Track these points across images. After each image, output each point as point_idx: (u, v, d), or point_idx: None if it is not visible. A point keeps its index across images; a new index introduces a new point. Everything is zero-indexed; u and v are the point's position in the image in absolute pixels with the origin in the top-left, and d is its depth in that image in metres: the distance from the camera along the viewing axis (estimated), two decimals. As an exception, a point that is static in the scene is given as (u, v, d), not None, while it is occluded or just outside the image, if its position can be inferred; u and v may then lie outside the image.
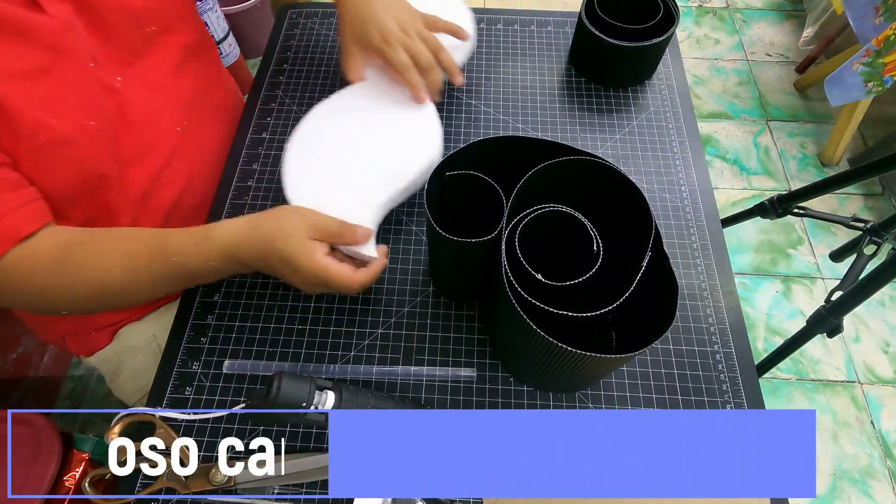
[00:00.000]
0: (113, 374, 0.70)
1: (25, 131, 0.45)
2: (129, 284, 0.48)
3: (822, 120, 1.60)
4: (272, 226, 0.48)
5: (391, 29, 0.58)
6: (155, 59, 0.58)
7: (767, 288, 1.35)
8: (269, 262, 0.48)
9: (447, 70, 0.60)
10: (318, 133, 0.59)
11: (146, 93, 0.57)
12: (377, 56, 0.59)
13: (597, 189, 0.46)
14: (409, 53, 0.58)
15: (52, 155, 0.47)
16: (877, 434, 1.17)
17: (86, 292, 0.48)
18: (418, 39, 0.59)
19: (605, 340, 0.50)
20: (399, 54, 0.57)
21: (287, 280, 0.49)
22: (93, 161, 0.50)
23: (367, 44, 0.59)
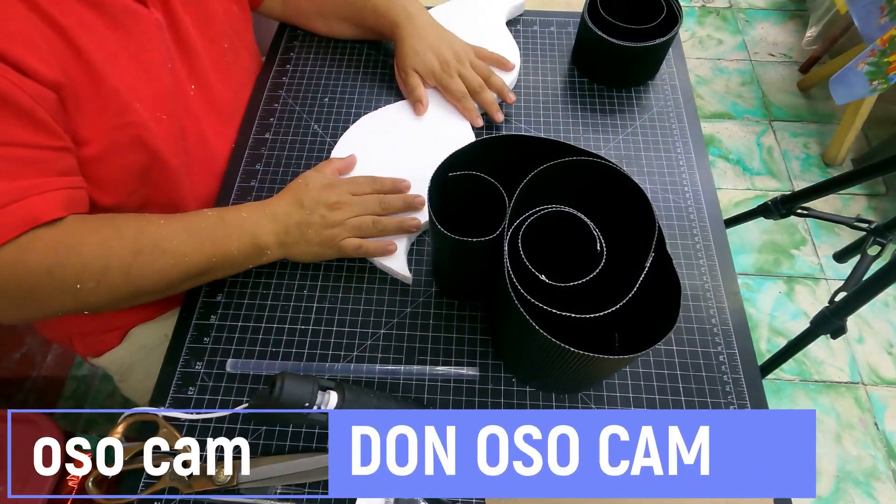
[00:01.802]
0: (123, 374, 0.70)
1: (115, 108, 0.47)
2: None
3: (825, 120, 1.60)
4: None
5: (448, 59, 0.65)
6: (223, 80, 0.62)
7: (771, 289, 1.34)
8: (282, 202, 0.54)
9: (499, 92, 0.66)
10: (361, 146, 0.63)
11: (213, 104, 0.61)
12: (435, 83, 0.65)
13: (600, 189, 0.46)
14: (462, 80, 0.64)
15: (128, 136, 0.49)
16: (880, 435, 1.16)
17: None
18: (470, 67, 0.65)
19: (608, 341, 0.50)
20: (456, 82, 0.64)
21: (298, 223, 0.53)
22: (160, 150, 0.52)
23: (427, 71, 0.65)
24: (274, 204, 0.54)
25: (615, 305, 0.39)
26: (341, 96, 0.70)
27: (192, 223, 0.49)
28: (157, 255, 0.46)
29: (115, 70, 0.47)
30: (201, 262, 0.48)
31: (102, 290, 0.45)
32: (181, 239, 0.47)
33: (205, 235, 0.49)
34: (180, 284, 0.49)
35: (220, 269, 0.51)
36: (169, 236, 0.47)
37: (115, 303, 0.47)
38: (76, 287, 0.43)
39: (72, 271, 0.43)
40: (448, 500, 0.46)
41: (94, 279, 0.44)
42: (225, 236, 0.50)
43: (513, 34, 0.75)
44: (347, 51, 0.75)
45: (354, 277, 0.57)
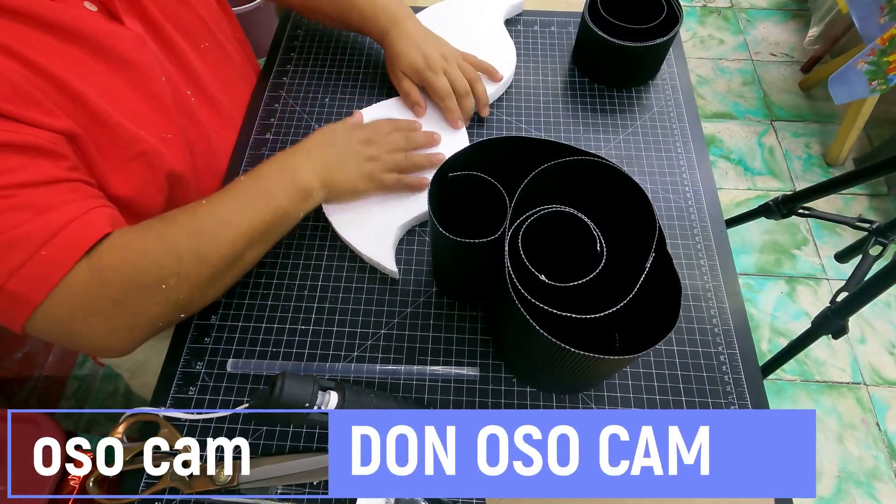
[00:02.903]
0: (133, 371, 0.70)
1: (124, 141, 0.47)
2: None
3: (827, 120, 1.59)
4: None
5: (434, 57, 0.64)
6: (214, 76, 0.62)
7: (772, 289, 1.34)
8: (313, 143, 0.55)
9: (478, 101, 0.66)
10: None
11: (211, 107, 0.61)
12: (419, 80, 0.65)
13: (600, 189, 0.46)
14: (448, 79, 0.64)
15: (144, 165, 0.49)
16: (882, 436, 1.16)
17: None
18: (457, 68, 0.65)
19: (608, 341, 0.50)
20: (441, 79, 0.64)
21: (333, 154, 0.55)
22: (173, 170, 0.52)
23: (412, 69, 0.64)
24: (305, 148, 0.54)
25: (616, 306, 0.39)
26: (342, 96, 0.70)
27: (234, 191, 0.50)
28: (218, 227, 0.47)
29: (114, 104, 0.47)
30: (259, 223, 0.49)
31: (185, 281, 0.45)
32: (232, 207, 0.49)
33: (251, 196, 0.50)
34: (248, 252, 0.49)
35: (278, 226, 0.51)
36: (220, 210, 0.48)
37: (202, 290, 0.47)
38: (161, 287, 0.44)
39: (151, 273, 0.43)
40: (448, 500, 0.46)
41: (173, 273, 0.44)
42: (270, 191, 0.50)
43: (513, 34, 0.75)
44: (348, 51, 0.75)
45: (355, 277, 0.57)
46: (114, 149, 0.47)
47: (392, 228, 0.57)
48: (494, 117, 0.68)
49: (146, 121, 0.50)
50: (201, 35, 0.60)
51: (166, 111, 0.52)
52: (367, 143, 0.57)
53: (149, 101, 0.50)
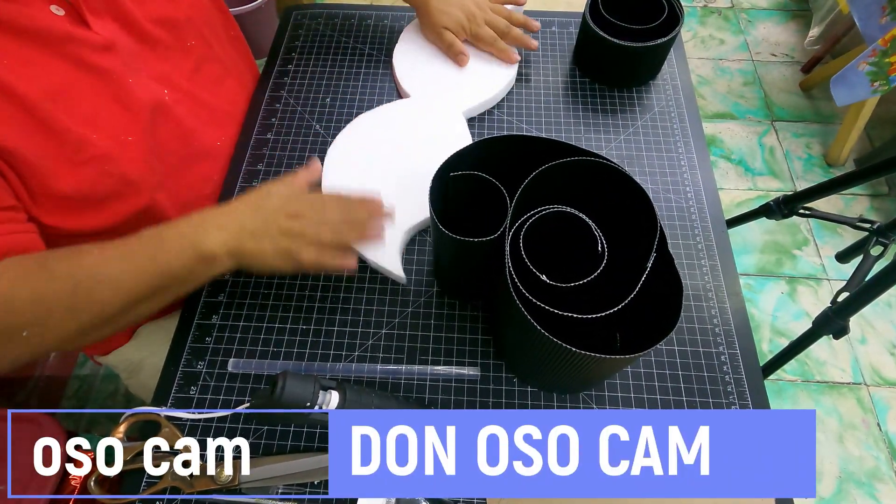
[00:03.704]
0: (130, 372, 0.70)
1: (72, 147, 0.47)
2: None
3: (827, 120, 1.59)
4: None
5: (472, 11, 0.70)
6: (197, 75, 0.61)
7: (773, 289, 1.34)
8: (237, 209, 0.49)
9: (523, 25, 0.71)
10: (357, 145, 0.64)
11: (191, 106, 0.60)
12: (466, 36, 0.70)
13: (601, 189, 0.46)
14: (489, 25, 0.70)
15: (95, 169, 0.48)
16: (883, 436, 1.16)
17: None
18: (491, 13, 0.70)
19: (609, 341, 0.50)
20: (485, 30, 0.69)
21: (255, 233, 0.47)
22: (131, 174, 0.51)
23: (457, 26, 0.69)
24: (226, 212, 0.49)
25: (617, 306, 0.39)
26: (343, 96, 0.70)
27: (128, 246, 0.45)
28: (95, 286, 0.43)
29: (64, 107, 0.46)
30: (143, 285, 0.45)
31: (50, 333, 0.43)
32: (118, 265, 0.44)
33: (142, 256, 0.45)
34: (131, 311, 0.46)
35: (170, 288, 0.47)
36: (103, 264, 0.44)
37: (70, 341, 0.45)
38: (23, 335, 0.42)
39: (13, 322, 0.41)
40: (449, 500, 0.46)
41: (38, 324, 0.42)
42: (164, 252, 0.46)
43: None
44: (349, 51, 0.75)
45: (356, 278, 0.57)
46: (60, 152, 0.46)
47: (398, 234, 0.56)
48: (495, 117, 0.68)
49: (102, 123, 0.49)
50: (187, 33, 0.59)
51: (130, 113, 0.51)
52: (295, 217, 0.49)
53: (109, 104, 0.50)
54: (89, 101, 0.48)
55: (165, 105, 0.56)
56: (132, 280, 0.44)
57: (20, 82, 0.44)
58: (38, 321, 0.42)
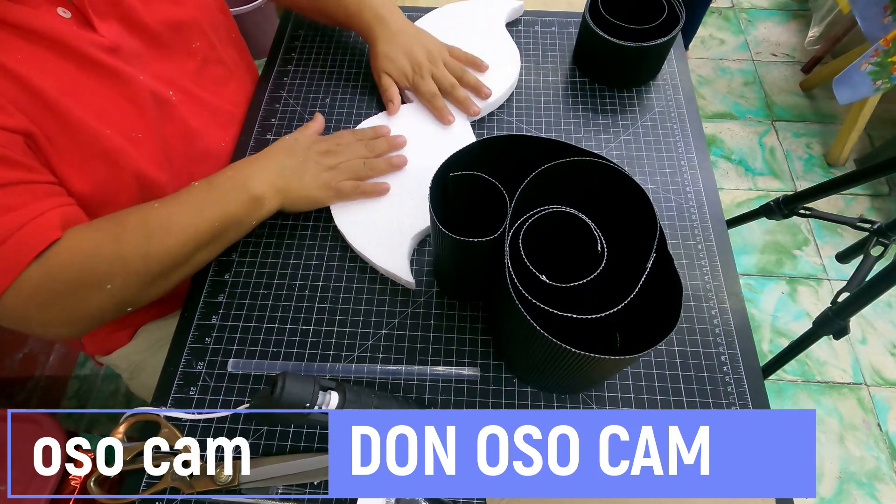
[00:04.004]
0: (132, 371, 0.71)
1: (86, 139, 0.48)
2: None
3: (828, 120, 1.59)
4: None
5: (420, 61, 0.65)
6: (202, 76, 0.62)
7: (773, 289, 1.34)
8: (272, 152, 0.56)
9: (473, 89, 0.66)
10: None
11: (196, 107, 0.60)
12: (407, 85, 0.66)
13: (601, 190, 0.46)
14: (435, 80, 0.65)
15: (108, 164, 0.50)
16: (884, 437, 1.16)
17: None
18: (443, 66, 0.66)
19: (609, 341, 0.50)
20: (427, 83, 0.65)
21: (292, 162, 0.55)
22: (143, 170, 0.53)
23: (399, 74, 0.66)
24: (264, 157, 0.55)
25: (617, 306, 0.39)
26: (342, 97, 0.70)
27: (186, 196, 0.50)
28: (166, 233, 0.48)
29: (77, 102, 0.47)
30: (207, 229, 0.50)
31: (131, 281, 0.47)
32: (182, 212, 0.49)
33: (200, 204, 0.50)
34: (197, 255, 0.50)
35: (229, 231, 0.52)
36: (170, 214, 0.49)
37: (146, 290, 0.49)
38: (108, 287, 0.46)
39: (98, 273, 0.45)
40: (448, 500, 0.46)
41: (119, 274, 0.46)
42: (221, 198, 0.51)
43: (514, 34, 0.75)
44: (349, 51, 0.75)
45: (356, 278, 0.57)
46: (74, 146, 0.48)
47: (406, 239, 0.57)
48: (496, 117, 0.68)
49: (114, 119, 0.50)
50: (192, 34, 0.60)
51: (138, 111, 0.52)
52: (327, 154, 0.58)
53: (118, 101, 0.51)
54: (100, 97, 0.49)
55: (171, 105, 0.56)
56: (197, 224, 0.49)
57: (35, 76, 0.45)
58: (118, 272, 0.46)
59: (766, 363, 1.02)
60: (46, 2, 0.47)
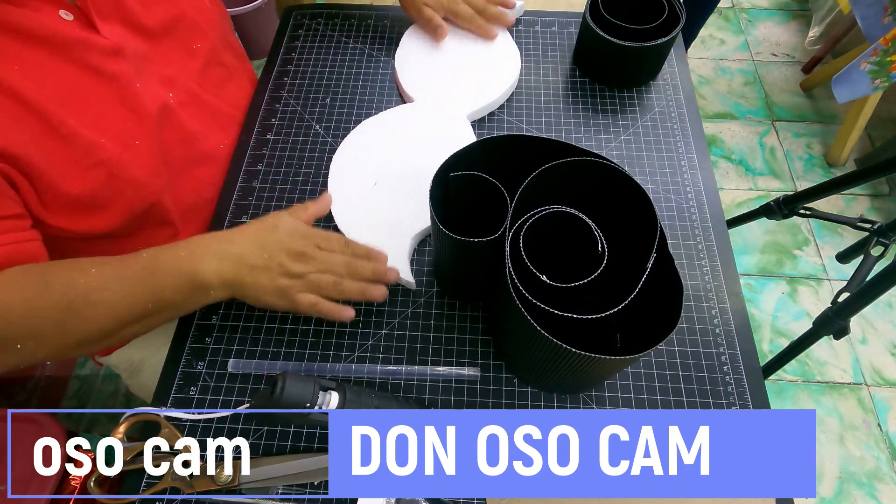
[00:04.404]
0: (131, 372, 0.71)
1: (81, 150, 0.47)
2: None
3: (828, 120, 1.59)
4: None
5: None
6: (203, 77, 0.62)
7: (773, 289, 1.34)
8: (240, 240, 0.48)
9: (502, 2, 0.73)
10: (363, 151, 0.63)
11: (196, 109, 0.60)
12: (444, 12, 0.72)
13: (601, 190, 0.46)
14: (467, 3, 0.72)
15: (103, 173, 0.49)
16: (884, 437, 1.16)
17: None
18: None
19: (610, 341, 0.50)
20: (462, 7, 0.71)
21: (261, 271, 0.47)
22: (139, 177, 0.52)
23: (437, 3, 0.71)
24: (230, 241, 0.48)
25: (617, 306, 0.39)
26: (343, 96, 0.70)
27: (125, 269, 0.46)
28: (88, 307, 0.43)
29: (73, 111, 0.46)
30: (136, 308, 0.45)
31: (43, 346, 0.43)
32: (112, 287, 0.44)
33: (136, 280, 0.45)
34: (122, 331, 0.46)
35: (162, 312, 0.47)
36: (99, 287, 0.44)
37: (63, 353, 0.45)
38: (17, 347, 0.42)
39: (8, 333, 0.42)
40: (448, 500, 0.46)
41: (31, 337, 0.43)
42: (159, 279, 0.45)
43: (514, 34, 0.75)
44: (349, 51, 0.75)
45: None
46: (69, 155, 0.47)
47: (406, 240, 0.56)
48: (496, 117, 0.68)
49: (110, 127, 0.49)
50: (193, 35, 0.60)
51: (137, 117, 0.52)
52: (298, 257, 0.48)
53: (117, 108, 0.50)
54: (98, 105, 0.49)
55: (170, 109, 0.56)
56: (125, 303, 0.45)
57: (31, 87, 0.44)
58: (31, 334, 0.43)
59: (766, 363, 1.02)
60: (49, 4, 0.46)
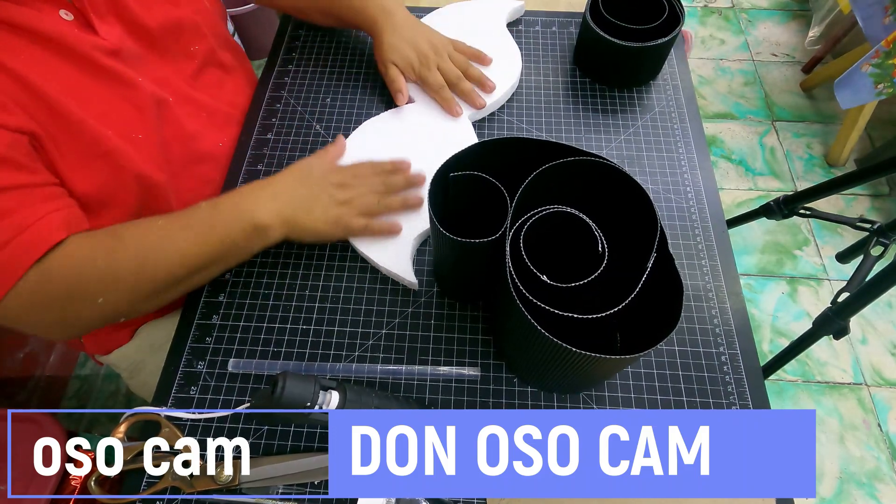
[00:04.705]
0: (132, 371, 0.71)
1: (87, 140, 0.48)
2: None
3: (828, 120, 1.59)
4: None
5: (426, 53, 0.65)
6: (199, 78, 0.62)
7: (773, 289, 1.34)
8: (285, 180, 0.54)
9: (478, 82, 0.67)
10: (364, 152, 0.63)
11: (192, 109, 0.60)
12: (414, 77, 0.66)
13: (601, 190, 0.46)
14: (441, 72, 0.65)
15: (109, 164, 0.50)
16: (884, 437, 1.16)
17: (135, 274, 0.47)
18: (448, 59, 0.66)
19: (610, 341, 0.50)
20: (434, 74, 0.65)
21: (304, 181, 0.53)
22: (143, 171, 0.53)
23: (406, 65, 0.65)
24: (275, 183, 0.53)
25: (617, 306, 0.39)
26: (343, 96, 0.70)
27: (188, 219, 0.50)
28: (162, 255, 0.47)
29: (78, 103, 0.47)
30: (205, 254, 0.49)
31: (121, 297, 0.47)
32: (181, 236, 0.48)
33: (202, 227, 0.49)
34: (191, 278, 0.50)
35: (228, 257, 0.51)
36: (169, 236, 0.48)
37: (137, 306, 0.49)
38: (98, 300, 0.46)
39: (90, 286, 0.45)
40: (449, 500, 0.46)
41: (110, 289, 0.46)
42: (222, 223, 0.50)
43: (514, 34, 0.75)
44: (350, 51, 0.75)
45: (356, 278, 0.57)
46: (77, 146, 0.48)
47: (409, 240, 0.57)
48: (496, 117, 0.68)
49: (114, 120, 0.50)
50: (191, 37, 0.60)
51: (138, 113, 0.52)
52: (341, 187, 0.55)
53: (119, 103, 0.51)
54: (101, 99, 0.50)
55: (169, 107, 0.57)
56: (197, 249, 0.48)
57: (38, 79, 0.45)
58: (110, 287, 0.46)
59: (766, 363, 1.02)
60: (49, 4, 0.47)
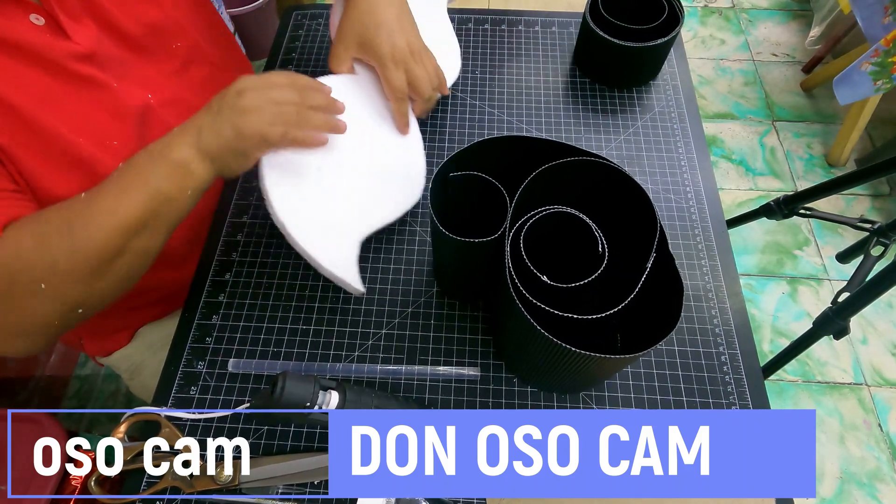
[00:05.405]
0: (132, 372, 0.71)
1: (60, 148, 0.47)
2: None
3: (828, 120, 1.59)
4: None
5: (401, 46, 0.54)
6: (184, 77, 0.60)
7: (773, 289, 1.34)
8: (224, 104, 0.46)
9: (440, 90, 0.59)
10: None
11: (178, 109, 0.58)
12: (376, 67, 0.55)
13: (601, 190, 0.46)
14: (408, 77, 0.55)
15: (83, 172, 0.49)
16: (884, 437, 1.16)
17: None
18: (421, 66, 0.55)
19: (610, 341, 0.50)
20: (400, 77, 0.54)
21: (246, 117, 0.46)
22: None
23: (370, 49, 0.54)
24: (186, 122, 0.47)
25: (617, 306, 0.39)
26: (343, 97, 0.70)
27: (107, 182, 0.45)
28: (88, 224, 0.43)
29: (49, 112, 0.46)
30: (133, 211, 0.43)
31: (65, 280, 0.43)
32: (101, 199, 0.44)
33: (123, 182, 0.44)
34: (131, 242, 0.44)
35: (162, 211, 0.45)
36: (89, 203, 0.44)
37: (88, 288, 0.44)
38: (41, 287, 0.42)
39: (25, 274, 0.42)
40: (449, 500, 0.46)
41: (48, 274, 0.42)
42: (142, 173, 0.44)
43: (514, 35, 0.75)
44: (349, 51, 0.75)
45: (356, 277, 0.57)
46: (49, 155, 0.47)
47: (355, 241, 0.52)
48: (496, 117, 0.68)
49: (87, 128, 0.49)
50: (172, 35, 0.58)
51: (114, 119, 0.51)
52: (241, 94, 0.46)
53: (92, 110, 0.50)
54: (73, 107, 0.49)
55: (152, 109, 0.55)
56: (123, 208, 0.43)
57: (7, 90, 0.44)
58: (47, 272, 0.42)
59: (766, 363, 1.02)
60: (19, 9, 0.45)
